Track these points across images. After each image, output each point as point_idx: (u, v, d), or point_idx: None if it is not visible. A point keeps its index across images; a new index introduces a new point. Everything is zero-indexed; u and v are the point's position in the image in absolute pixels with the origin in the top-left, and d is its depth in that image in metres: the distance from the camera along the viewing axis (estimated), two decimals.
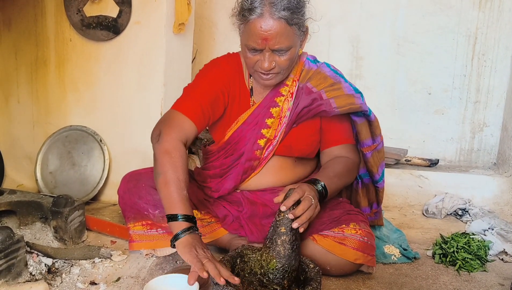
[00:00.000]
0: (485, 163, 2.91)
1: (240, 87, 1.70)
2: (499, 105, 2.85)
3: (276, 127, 1.68)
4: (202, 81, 1.68)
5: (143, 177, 1.76)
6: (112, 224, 1.95)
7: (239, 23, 1.53)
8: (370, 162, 1.77)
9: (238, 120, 1.69)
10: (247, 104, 1.70)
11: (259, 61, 1.53)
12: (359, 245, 1.55)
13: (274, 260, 1.36)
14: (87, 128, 2.41)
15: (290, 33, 1.48)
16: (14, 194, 1.93)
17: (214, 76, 1.68)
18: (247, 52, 1.54)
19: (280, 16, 1.44)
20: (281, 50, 1.50)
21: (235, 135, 1.69)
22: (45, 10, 2.40)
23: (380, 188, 1.83)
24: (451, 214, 2.41)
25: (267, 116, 1.67)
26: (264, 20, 1.44)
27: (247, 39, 1.50)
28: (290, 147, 1.70)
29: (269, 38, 1.46)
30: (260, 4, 1.45)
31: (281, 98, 1.68)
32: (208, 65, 1.74)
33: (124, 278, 1.58)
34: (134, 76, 2.32)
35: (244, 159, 1.69)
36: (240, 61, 1.73)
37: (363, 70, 3.00)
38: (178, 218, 1.39)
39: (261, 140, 1.68)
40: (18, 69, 2.50)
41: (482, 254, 1.80)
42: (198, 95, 1.63)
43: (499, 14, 2.77)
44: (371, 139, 1.74)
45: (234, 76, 1.70)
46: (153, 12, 2.23)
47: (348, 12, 2.98)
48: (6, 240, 1.41)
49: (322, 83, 1.67)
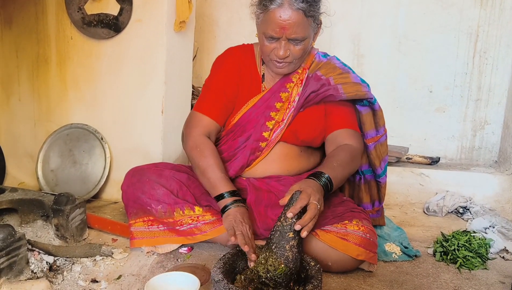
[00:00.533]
0: (486, 161, 2.91)
1: (251, 73, 1.80)
2: (501, 103, 2.84)
3: (284, 110, 1.76)
4: (217, 78, 1.80)
5: (146, 172, 1.78)
6: (113, 222, 1.96)
7: (259, 12, 1.61)
8: (373, 154, 1.80)
9: (248, 103, 1.77)
10: (258, 89, 1.80)
11: (275, 49, 1.62)
12: (361, 241, 1.55)
13: (282, 265, 1.35)
14: (88, 126, 2.41)
15: (306, 24, 1.58)
16: (15, 192, 1.93)
17: (227, 68, 1.80)
18: (265, 40, 1.63)
19: (299, 7, 1.54)
20: (297, 39, 1.59)
21: (244, 117, 1.77)
22: (46, 8, 2.40)
23: (382, 183, 1.85)
24: (452, 212, 2.41)
25: (277, 100, 1.76)
26: (284, 10, 1.54)
27: (266, 27, 1.59)
28: (296, 131, 1.75)
29: (287, 27, 1.55)
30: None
31: (291, 84, 1.76)
32: (222, 55, 1.86)
33: (125, 276, 1.58)
34: (135, 74, 2.32)
35: (252, 140, 1.75)
36: (253, 50, 1.83)
37: (364, 68, 3.00)
38: (224, 196, 1.61)
39: (270, 122, 1.74)
40: (19, 67, 2.50)
41: (483, 252, 1.80)
42: (213, 93, 1.78)
43: (500, 12, 2.76)
44: (375, 130, 1.80)
45: (245, 62, 1.81)
46: (154, 10, 2.23)
47: (349, 9, 2.98)
48: (7, 238, 1.41)
49: (331, 72, 1.76)
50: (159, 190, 1.74)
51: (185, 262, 1.70)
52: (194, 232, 1.72)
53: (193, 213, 1.72)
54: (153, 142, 2.34)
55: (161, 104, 2.30)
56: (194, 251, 1.80)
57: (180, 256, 1.75)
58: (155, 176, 1.77)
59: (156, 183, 1.75)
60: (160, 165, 1.88)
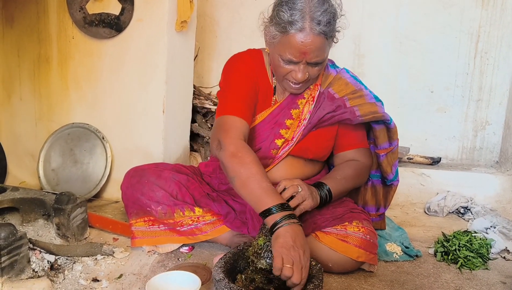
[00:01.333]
0: (488, 161, 2.91)
1: (264, 83, 1.70)
2: (502, 103, 2.84)
3: (295, 128, 1.69)
4: (234, 78, 1.66)
5: (146, 173, 1.77)
6: (114, 221, 1.96)
7: (276, 33, 1.49)
8: (384, 163, 1.78)
9: (257, 117, 1.70)
10: (269, 102, 1.71)
11: (293, 71, 1.54)
12: (361, 242, 1.55)
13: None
14: (89, 126, 2.41)
15: (326, 46, 1.50)
16: (16, 191, 1.94)
17: (244, 70, 1.66)
18: (281, 62, 1.53)
19: (321, 32, 1.44)
20: (317, 63, 1.52)
21: (253, 130, 1.70)
22: (48, 8, 2.40)
23: (395, 186, 1.84)
24: (453, 212, 2.41)
25: (287, 117, 1.69)
26: (305, 35, 1.44)
27: (284, 50, 1.49)
28: (306, 149, 1.71)
29: (308, 52, 1.47)
30: (301, 18, 1.43)
31: (303, 101, 1.69)
32: (233, 61, 1.72)
33: (126, 275, 1.58)
34: (136, 73, 2.32)
35: (260, 156, 1.66)
36: (262, 58, 1.72)
37: (364, 68, 3.00)
38: (272, 211, 1.34)
39: (279, 140, 1.69)
40: (21, 67, 2.51)
41: (484, 252, 1.80)
42: (235, 92, 1.62)
43: (501, 12, 2.76)
44: (388, 143, 1.78)
45: (258, 71, 1.70)
46: (155, 10, 2.23)
47: (350, 10, 2.95)
48: (9, 237, 1.41)
49: (343, 90, 1.70)
50: (158, 192, 1.73)
51: (186, 262, 1.71)
52: (195, 232, 1.72)
53: (193, 214, 1.72)
54: (154, 141, 2.34)
55: (162, 103, 2.31)
56: (195, 250, 1.80)
57: (181, 256, 1.75)
58: (154, 178, 1.76)
59: (155, 185, 1.74)
60: (160, 166, 1.87)
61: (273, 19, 1.50)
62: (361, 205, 1.88)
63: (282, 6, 1.46)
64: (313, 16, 1.43)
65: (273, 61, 1.58)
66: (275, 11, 1.50)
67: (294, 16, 1.43)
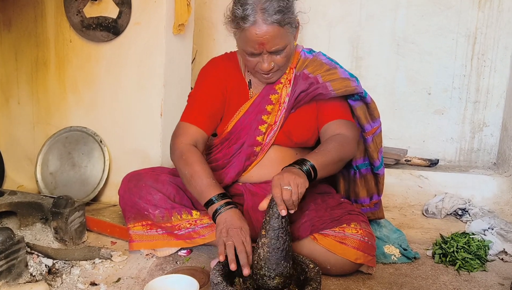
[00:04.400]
0: (485, 163, 2.91)
1: (238, 81, 1.77)
2: (499, 105, 2.85)
3: (276, 112, 1.73)
4: (201, 86, 1.78)
5: (143, 177, 1.77)
6: (112, 224, 1.96)
7: (234, 30, 1.57)
8: (371, 147, 1.81)
9: (239, 110, 1.75)
10: (246, 96, 1.76)
11: (259, 63, 1.60)
12: (359, 244, 1.55)
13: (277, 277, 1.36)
14: (87, 129, 2.41)
15: (283, 33, 1.53)
16: (14, 195, 1.93)
17: (212, 78, 1.77)
18: (246, 56, 1.60)
19: (273, 21, 1.48)
20: (278, 50, 1.56)
21: (237, 124, 1.74)
22: (45, 11, 2.40)
23: (381, 175, 1.85)
24: (451, 214, 2.42)
25: (267, 103, 1.73)
26: (258, 27, 1.49)
27: (245, 45, 1.56)
28: (289, 132, 1.73)
29: (265, 42, 1.51)
30: (252, 12, 1.48)
31: (280, 86, 1.73)
32: (206, 67, 1.83)
33: (124, 279, 1.58)
34: (134, 76, 2.32)
35: (246, 145, 1.73)
36: (236, 58, 1.80)
37: (362, 70, 3.01)
38: (213, 200, 1.51)
39: (262, 126, 1.72)
40: (19, 70, 2.51)
41: (482, 254, 1.81)
42: (198, 103, 1.74)
43: (498, 14, 2.77)
44: (371, 122, 1.79)
45: (231, 71, 1.77)
46: (153, 13, 2.24)
47: (348, 12, 2.99)
48: (6, 241, 1.41)
49: (318, 69, 1.73)
50: (156, 195, 1.73)
51: (184, 265, 1.71)
52: (193, 236, 1.72)
53: (190, 217, 1.72)
54: (152, 144, 2.34)
55: (160, 106, 2.31)
56: (193, 253, 1.80)
57: (179, 259, 1.75)
58: (152, 181, 1.77)
59: (153, 188, 1.74)
60: (157, 170, 1.87)
61: (230, 17, 1.57)
62: (353, 199, 1.89)
63: (236, 4, 1.53)
64: (263, 7, 1.48)
65: (242, 56, 1.65)
66: (229, 10, 1.58)
67: (246, 11, 1.49)
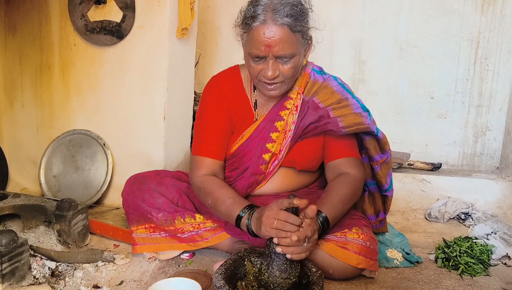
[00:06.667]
0: (488, 167, 2.90)
1: (242, 102, 1.70)
2: (502, 109, 2.85)
3: (281, 141, 1.67)
4: (206, 114, 1.70)
5: (147, 180, 1.78)
6: (115, 227, 1.96)
7: (242, 32, 1.53)
8: (379, 174, 1.77)
9: (243, 134, 1.69)
10: (251, 118, 1.70)
11: (263, 70, 1.52)
12: (361, 249, 1.55)
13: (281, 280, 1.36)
14: (90, 132, 2.42)
15: (293, 40, 1.47)
16: (18, 197, 1.94)
17: (214, 101, 1.69)
18: (251, 61, 1.53)
19: (283, 22, 1.43)
20: (285, 57, 1.48)
21: (240, 148, 1.69)
22: (50, 15, 2.42)
23: (389, 196, 1.83)
24: (454, 218, 2.41)
25: (272, 130, 1.67)
26: (267, 27, 1.44)
27: (250, 46, 1.50)
28: (293, 161, 1.70)
29: (272, 45, 1.45)
30: (263, 11, 1.45)
31: (286, 112, 1.66)
32: (208, 89, 1.74)
33: (127, 282, 1.58)
34: (137, 80, 2.33)
35: (249, 173, 1.70)
36: (239, 75, 1.72)
37: (365, 74, 3.01)
38: (241, 216, 1.48)
39: (266, 155, 1.67)
40: (23, 74, 2.52)
41: (485, 258, 1.80)
42: (207, 131, 1.69)
43: (501, 19, 2.77)
44: (380, 154, 1.74)
45: (234, 92, 1.70)
46: (156, 17, 2.25)
47: (351, 16, 2.99)
48: (10, 244, 1.42)
49: (329, 98, 1.65)
50: (159, 199, 1.74)
51: (187, 268, 1.71)
52: (196, 239, 1.72)
53: (194, 220, 1.73)
54: (155, 148, 2.35)
55: (163, 110, 2.31)
56: (195, 257, 1.80)
57: (182, 262, 1.75)
58: (155, 184, 1.77)
59: (156, 192, 1.75)
60: (160, 173, 1.88)
61: (239, 20, 1.55)
62: None
63: (248, 6, 1.51)
64: (274, 8, 1.44)
65: (246, 63, 1.58)
66: (240, 12, 1.55)
67: (256, 11, 1.46)
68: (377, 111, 2.97)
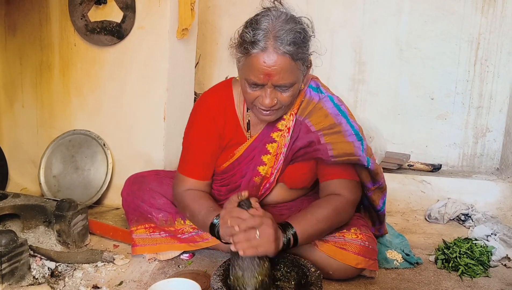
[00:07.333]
0: (488, 168, 2.91)
1: (233, 124, 1.63)
2: (502, 110, 2.85)
3: (272, 164, 1.61)
4: (192, 136, 1.67)
5: (147, 180, 1.78)
6: (115, 228, 1.96)
7: (239, 55, 1.41)
8: (372, 198, 1.73)
9: (234, 153, 1.63)
10: (242, 139, 1.64)
11: (260, 97, 1.42)
12: (360, 249, 1.55)
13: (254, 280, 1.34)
14: (90, 132, 2.42)
15: (294, 68, 1.37)
16: (17, 197, 1.94)
17: (202, 122, 1.64)
18: (247, 87, 1.42)
19: (285, 52, 1.33)
20: (284, 86, 1.40)
21: (230, 167, 1.65)
22: (50, 16, 2.42)
23: (382, 215, 1.81)
24: (454, 219, 2.41)
25: (263, 152, 1.61)
26: (268, 55, 1.33)
27: (248, 73, 1.39)
28: (284, 182, 1.66)
29: (273, 74, 1.35)
30: (264, 38, 1.33)
31: (278, 133, 1.59)
32: (197, 108, 1.68)
33: (127, 282, 1.58)
34: (137, 80, 2.33)
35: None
36: (231, 94, 1.64)
37: (365, 75, 3.01)
38: (215, 224, 1.47)
39: (257, 178, 1.63)
40: (23, 74, 2.52)
41: (485, 259, 1.80)
42: (192, 153, 1.67)
43: (501, 20, 2.78)
44: (372, 182, 1.70)
45: (225, 114, 1.63)
46: (156, 17, 2.25)
47: (351, 17, 2.99)
48: (9, 244, 1.42)
49: (321, 122, 1.56)
50: (160, 199, 1.74)
51: (187, 269, 1.71)
52: (196, 239, 1.72)
53: None
54: (155, 148, 2.35)
55: (163, 110, 2.32)
56: (195, 257, 1.80)
57: (182, 263, 1.75)
58: (156, 185, 1.77)
59: (157, 192, 1.74)
60: (161, 173, 1.88)
61: (237, 40, 1.42)
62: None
63: (247, 28, 1.38)
64: (276, 35, 1.33)
65: (242, 87, 1.47)
66: (238, 32, 1.43)
67: (257, 36, 1.34)
68: (377, 112, 2.98)
